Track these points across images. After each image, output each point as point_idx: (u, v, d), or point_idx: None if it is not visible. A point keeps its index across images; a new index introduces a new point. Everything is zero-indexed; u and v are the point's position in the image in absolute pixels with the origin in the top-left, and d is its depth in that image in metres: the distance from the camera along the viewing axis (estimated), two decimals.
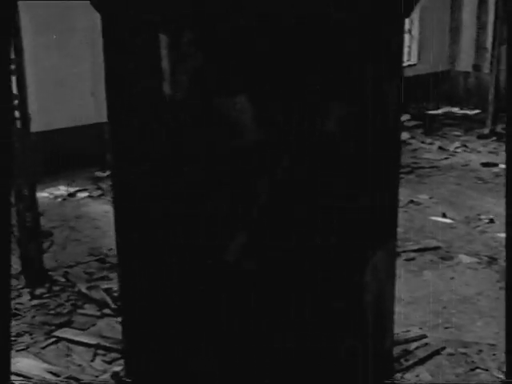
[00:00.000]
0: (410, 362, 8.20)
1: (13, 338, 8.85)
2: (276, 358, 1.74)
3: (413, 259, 11.13)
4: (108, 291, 10.12)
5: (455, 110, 22.34)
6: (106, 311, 9.59)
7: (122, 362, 8.33)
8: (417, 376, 8.00)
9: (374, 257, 1.90)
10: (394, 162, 1.96)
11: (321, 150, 1.69)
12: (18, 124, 10.28)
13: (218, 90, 1.65)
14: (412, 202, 13.94)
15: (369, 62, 1.80)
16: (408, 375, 8.01)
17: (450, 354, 8.40)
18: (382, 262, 1.93)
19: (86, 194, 15.02)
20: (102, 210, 13.93)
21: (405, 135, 18.79)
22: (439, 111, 22.24)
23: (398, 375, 7.91)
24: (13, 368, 8.14)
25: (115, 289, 10.22)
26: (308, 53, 1.68)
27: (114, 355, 8.49)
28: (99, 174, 16.25)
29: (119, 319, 9.33)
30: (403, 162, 14.98)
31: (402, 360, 8.19)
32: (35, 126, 10.77)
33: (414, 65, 22.35)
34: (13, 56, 10.27)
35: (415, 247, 11.57)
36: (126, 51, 1.85)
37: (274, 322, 1.72)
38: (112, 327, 9.17)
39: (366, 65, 1.80)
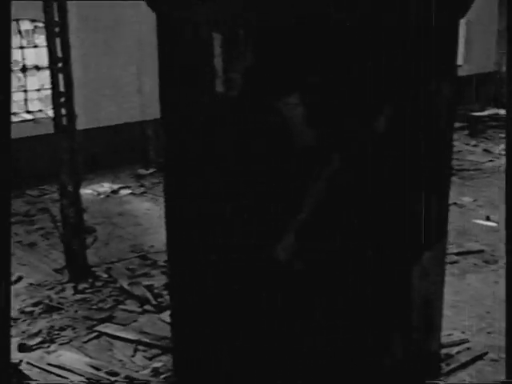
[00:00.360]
0: (452, 367, 8.10)
1: (56, 332, 8.99)
2: (323, 356, 1.74)
3: (456, 262, 10.99)
4: (149, 288, 10.20)
5: (501, 111, 21.99)
6: (147, 307, 9.67)
7: (162, 358, 8.40)
8: (463, 381, 7.89)
9: (423, 258, 1.89)
10: (445, 163, 1.94)
11: (371, 150, 1.68)
12: (64, 121, 10.43)
13: (269, 89, 1.65)
14: (455, 204, 13.77)
15: (419, 63, 1.79)
16: (450, 379, 7.91)
17: (493, 360, 8.26)
18: (430, 263, 1.91)
19: (128, 191, 15.17)
20: (144, 208, 14.06)
21: None
22: (484, 113, 21.91)
23: (440, 379, 7.82)
24: (55, 361, 8.27)
25: (156, 285, 10.31)
26: (359, 55, 1.67)
27: (154, 351, 8.56)
28: (142, 171, 16.40)
29: (160, 316, 9.41)
30: None
31: (443, 364, 8.10)
32: (81, 124, 10.91)
33: (460, 66, 22.07)
34: (60, 54, 10.42)
35: (458, 250, 11.43)
36: (179, 50, 1.86)
37: (321, 321, 1.72)
38: (153, 323, 9.24)
39: (415, 66, 1.79)
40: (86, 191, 13.87)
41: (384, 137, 1.70)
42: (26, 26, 15.68)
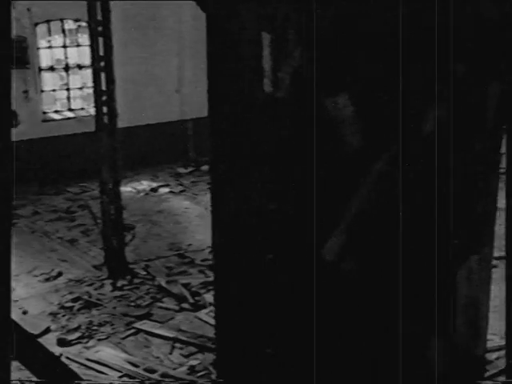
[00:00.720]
0: (490, 373, 7.99)
1: (94, 328, 9.09)
2: (364, 357, 1.73)
3: (495, 267, 10.82)
4: (186, 286, 10.26)
5: None
6: (185, 306, 9.72)
7: (198, 356, 8.44)
8: None
9: (469, 261, 1.86)
10: (493, 165, 1.91)
11: (419, 150, 1.67)
12: (106, 119, 10.54)
13: (318, 90, 1.65)
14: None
15: (466, 65, 1.77)
16: None
17: None
18: (476, 266, 1.89)
19: (167, 189, 15.27)
20: (183, 206, 14.14)
21: None
22: None
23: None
24: (94, 356, 8.37)
25: (194, 284, 10.36)
26: (407, 56, 1.66)
27: (191, 349, 8.60)
28: (181, 170, 16.50)
29: (197, 314, 9.46)
30: None
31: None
32: (121, 122, 11.02)
33: None
34: (102, 53, 10.54)
35: (499, 254, 11.26)
36: (228, 49, 1.87)
37: (366, 321, 1.71)
38: (190, 322, 9.29)
39: (461, 67, 1.77)
40: (125, 189, 14.00)
41: (432, 137, 1.68)
42: (69, 25, 15.89)
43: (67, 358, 8.30)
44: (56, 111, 15.88)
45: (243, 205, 1.88)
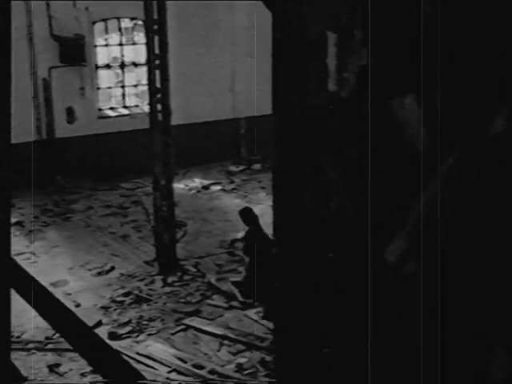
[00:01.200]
0: None
1: (145, 323, 9.21)
2: (423, 366, 1.71)
3: None
4: (236, 284, 10.31)
5: None
6: (234, 303, 9.77)
7: (246, 354, 8.48)
8: None
9: None
10: None
11: (486, 151, 1.63)
12: (160, 117, 10.66)
13: (384, 90, 1.63)
14: None
15: None
16: None
17: None
18: None
19: (219, 187, 15.36)
20: (234, 204, 14.21)
21: None
22: None
23: None
24: (143, 351, 8.48)
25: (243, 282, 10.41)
26: (475, 56, 1.63)
27: (239, 347, 8.65)
28: (233, 168, 16.58)
29: (246, 312, 9.49)
30: None
31: None
32: (175, 119, 11.12)
33: None
34: (157, 51, 10.66)
35: None
36: (293, 48, 1.86)
37: (424, 326, 1.69)
38: (238, 320, 9.34)
39: None
40: (177, 186, 14.13)
41: (500, 138, 1.65)
42: (126, 23, 16.12)
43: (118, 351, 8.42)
44: (111, 108, 16.13)
45: (305, 204, 1.88)
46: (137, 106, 16.35)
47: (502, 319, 1.72)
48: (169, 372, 8.07)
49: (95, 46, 15.47)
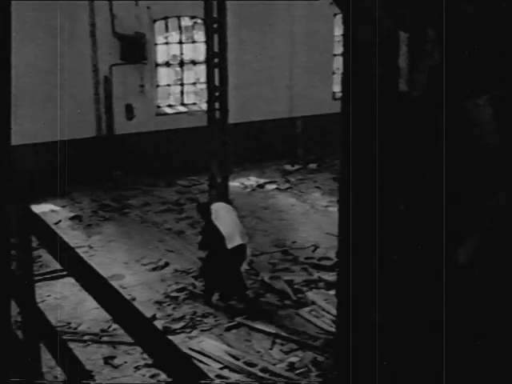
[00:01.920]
0: None
1: (198, 318, 9.28)
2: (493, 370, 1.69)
3: None
4: (289, 283, 10.29)
5: None
6: (287, 302, 9.77)
7: (298, 353, 8.46)
8: None
9: None
10: None
11: None
12: (217, 115, 10.74)
13: (457, 90, 1.61)
14: None
15: None
16: None
17: None
18: None
19: (274, 186, 15.36)
20: (289, 203, 14.20)
21: None
22: None
23: None
24: (196, 346, 8.55)
25: (296, 281, 10.39)
26: None
27: (291, 346, 8.64)
28: (288, 167, 16.56)
29: (299, 311, 9.48)
30: None
31: None
32: (231, 118, 11.19)
33: None
34: (216, 50, 10.74)
35: None
36: (363, 47, 1.86)
37: (491, 326, 1.67)
38: (291, 318, 9.33)
39: None
40: (233, 184, 14.19)
41: None
42: (186, 22, 16.27)
43: None
44: (169, 105, 16.30)
45: (372, 204, 1.88)
46: (195, 103, 16.48)
47: None
48: (221, 368, 8.12)
49: (155, 43, 15.66)
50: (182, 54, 16.16)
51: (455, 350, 1.79)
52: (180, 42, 16.12)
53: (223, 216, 9.53)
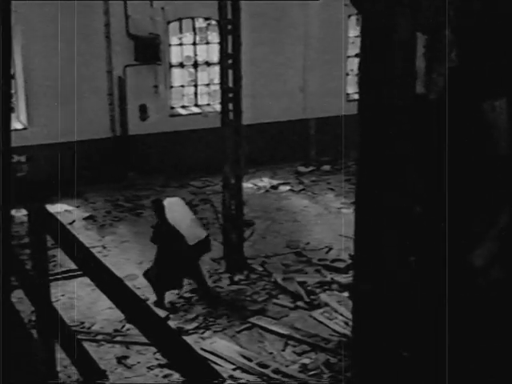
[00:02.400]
0: None
1: (211, 319, 9.30)
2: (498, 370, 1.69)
3: None
4: (302, 284, 10.29)
5: None
6: (300, 304, 9.76)
7: (311, 355, 8.46)
8: None
9: None
10: None
11: None
12: (231, 116, 10.73)
13: (474, 92, 1.61)
14: None
15: None
16: None
17: None
18: None
19: (287, 187, 15.35)
20: (302, 205, 14.18)
21: None
22: None
23: None
24: (209, 347, 8.56)
25: (310, 282, 10.38)
26: None
27: (304, 347, 8.63)
28: (302, 168, 16.54)
29: (311, 313, 9.47)
30: None
31: None
32: (245, 119, 11.18)
33: None
34: (230, 51, 10.74)
35: None
36: (381, 49, 1.86)
37: (506, 331, 1.66)
38: (304, 320, 9.32)
39: None
40: (246, 185, 14.19)
41: None
42: (200, 23, 16.30)
43: None
44: (183, 106, 16.33)
45: (388, 206, 1.87)
46: (208, 104, 16.50)
47: None
48: (233, 369, 8.12)
49: (169, 45, 15.69)
50: (195, 55, 16.18)
51: (465, 352, 1.79)
52: (194, 43, 16.15)
53: (177, 211, 9.63)
